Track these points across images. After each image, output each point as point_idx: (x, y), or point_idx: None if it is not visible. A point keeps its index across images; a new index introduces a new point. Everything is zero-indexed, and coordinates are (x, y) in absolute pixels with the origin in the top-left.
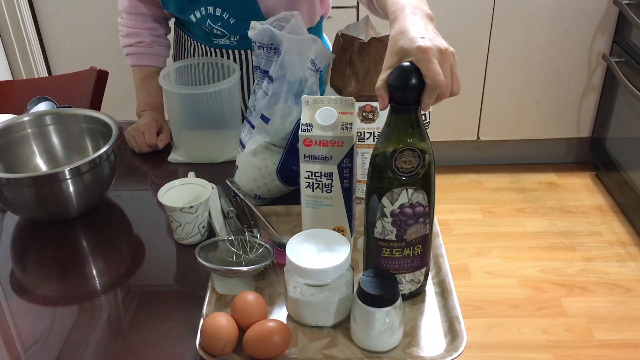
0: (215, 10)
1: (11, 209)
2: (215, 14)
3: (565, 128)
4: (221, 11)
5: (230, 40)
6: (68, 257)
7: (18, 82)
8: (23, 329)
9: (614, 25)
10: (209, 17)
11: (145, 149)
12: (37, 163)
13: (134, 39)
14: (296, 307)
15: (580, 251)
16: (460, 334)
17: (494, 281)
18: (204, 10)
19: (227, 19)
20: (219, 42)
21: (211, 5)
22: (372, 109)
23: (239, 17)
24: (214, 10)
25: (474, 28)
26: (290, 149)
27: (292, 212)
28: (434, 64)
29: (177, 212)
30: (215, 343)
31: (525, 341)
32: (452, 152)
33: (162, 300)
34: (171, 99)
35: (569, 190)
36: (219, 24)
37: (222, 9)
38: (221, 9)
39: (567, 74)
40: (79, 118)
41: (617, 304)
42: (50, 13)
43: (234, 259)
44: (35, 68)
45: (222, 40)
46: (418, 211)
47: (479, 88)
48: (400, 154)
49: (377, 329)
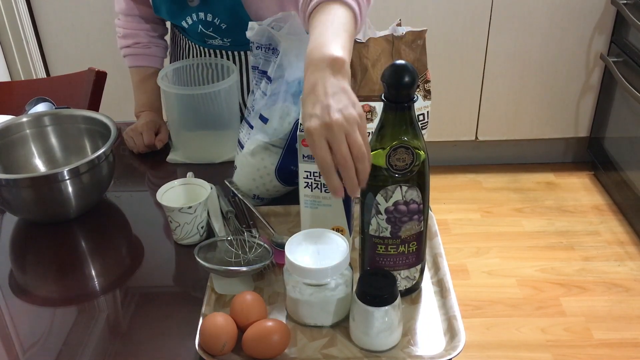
0: (207, 16)
1: (10, 210)
2: (207, 19)
3: (564, 128)
4: (212, 17)
5: (224, 42)
6: (67, 257)
7: (16, 83)
8: (22, 329)
9: (612, 25)
10: (200, 23)
11: (143, 149)
12: (36, 164)
13: (130, 40)
14: (295, 306)
15: (579, 251)
16: (459, 333)
17: (493, 281)
18: (195, 16)
19: (218, 24)
20: (213, 43)
21: (202, 11)
22: (370, 108)
23: (229, 23)
24: (205, 16)
25: (472, 28)
26: (289, 149)
27: (290, 212)
28: (317, 147)
29: (176, 213)
30: (214, 343)
31: (524, 341)
32: (451, 152)
33: (161, 300)
34: (170, 99)
35: (567, 190)
36: (210, 29)
37: (212, 14)
38: (212, 15)
39: (565, 74)
40: (78, 119)
41: (616, 304)
42: (49, 14)
43: (233, 259)
44: (33, 69)
45: (216, 42)
46: (412, 208)
47: (477, 88)
48: (394, 151)
49: (376, 328)
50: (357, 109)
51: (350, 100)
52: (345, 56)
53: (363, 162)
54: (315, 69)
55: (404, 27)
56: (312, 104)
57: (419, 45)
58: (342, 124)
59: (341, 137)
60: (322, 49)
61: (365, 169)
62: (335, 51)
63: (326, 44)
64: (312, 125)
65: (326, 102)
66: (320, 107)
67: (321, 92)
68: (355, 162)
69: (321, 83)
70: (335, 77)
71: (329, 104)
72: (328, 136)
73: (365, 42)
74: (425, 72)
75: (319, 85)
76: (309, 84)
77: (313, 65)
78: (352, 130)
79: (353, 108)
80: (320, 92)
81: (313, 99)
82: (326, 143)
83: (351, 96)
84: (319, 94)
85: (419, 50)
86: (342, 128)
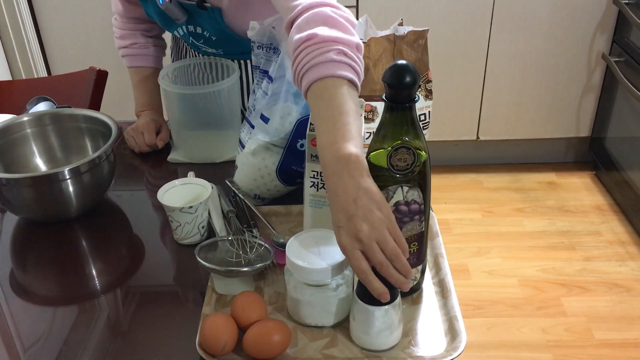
0: (196, 29)
1: (11, 209)
2: (197, 31)
3: (565, 128)
4: (201, 30)
5: (217, 51)
6: (67, 257)
7: (17, 82)
8: (22, 329)
9: (614, 24)
10: (190, 35)
11: (144, 148)
12: (37, 163)
13: (128, 40)
14: (296, 307)
15: (580, 251)
16: (460, 334)
17: (494, 281)
18: (185, 28)
19: (208, 36)
20: (207, 51)
21: (191, 24)
22: (371, 108)
23: (218, 36)
24: (194, 29)
25: (474, 28)
26: (290, 148)
27: (291, 212)
28: (352, 259)
29: (177, 212)
30: (215, 343)
31: (524, 341)
32: (452, 151)
33: (162, 300)
34: (171, 99)
35: (569, 190)
36: (201, 40)
37: (202, 28)
38: (201, 28)
39: (566, 74)
40: (79, 118)
41: (617, 304)
42: (50, 13)
43: (233, 259)
44: (34, 68)
45: (210, 50)
46: (413, 209)
47: (478, 88)
48: (395, 151)
49: (376, 327)
50: (383, 211)
51: (374, 202)
52: (356, 148)
53: (399, 261)
54: (332, 174)
55: (405, 26)
56: (337, 212)
57: (421, 45)
58: (371, 234)
59: (372, 245)
60: (332, 149)
61: (403, 266)
62: (346, 148)
63: (336, 141)
64: (343, 240)
65: (350, 211)
66: (346, 217)
67: (343, 199)
68: (392, 262)
69: (341, 189)
70: (353, 177)
71: (353, 214)
72: (360, 247)
73: (367, 41)
74: (426, 72)
75: (339, 191)
76: (329, 189)
77: (328, 170)
78: (381, 236)
79: (379, 210)
80: (342, 199)
81: (337, 207)
82: (360, 253)
83: (374, 196)
84: (341, 202)
85: (420, 50)
86: (371, 237)
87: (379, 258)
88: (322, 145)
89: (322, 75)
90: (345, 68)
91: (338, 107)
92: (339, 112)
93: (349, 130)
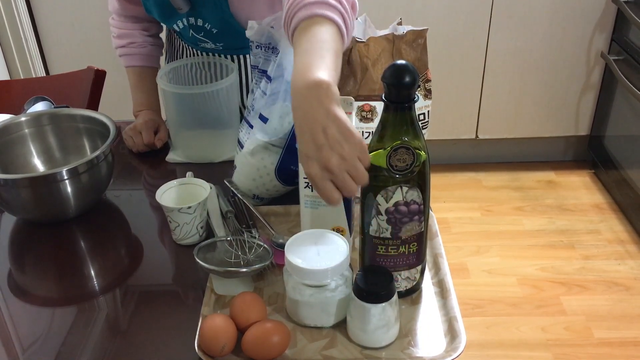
0: (197, 21)
1: (9, 210)
2: (197, 24)
3: (564, 126)
4: (202, 22)
5: (217, 46)
6: (66, 257)
7: (15, 81)
8: (21, 329)
9: (613, 23)
10: (191, 28)
11: (143, 148)
12: (35, 163)
13: (125, 40)
14: (295, 307)
15: (579, 249)
16: (460, 334)
17: (493, 280)
18: (185, 21)
19: (209, 29)
20: (206, 47)
21: (192, 16)
22: (370, 108)
23: (220, 28)
24: (195, 21)
25: (473, 26)
26: (289, 148)
27: (290, 212)
28: (321, 190)
29: (176, 213)
30: (214, 344)
31: (524, 340)
32: (451, 150)
33: (161, 300)
34: (169, 98)
35: (568, 189)
36: (201, 33)
37: (203, 20)
38: (202, 20)
39: (565, 72)
40: (77, 118)
41: (616, 302)
42: (48, 12)
43: (232, 259)
44: (32, 68)
45: (209, 45)
46: (413, 209)
47: (477, 86)
48: (395, 152)
49: (373, 324)
50: (354, 139)
51: (344, 131)
52: (329, 77)
53: (364, 180)
54: (301, 99)
55: (404, 26)
56: (306, 142)
57: (420, 44)
58: (341, 165)
59: (343, 176)
60: (304, 75)
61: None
62: (318, 75)
63: (309, 68)
64: (312, 171)
65: (319, 140)
66: (314, 146)
67: (312, 127)
68: (356, 182)
69: (310, 115)
70: (322, 104)
71: (322, 143)
72: (331, 178)
73: (366, 41)
74: (426, 71)
75: (308, 118)
76: (296, 117)
77: (297, 95)
78: (352, 167)
79: (350, 138)
80: (311, 127)
81: (306, 137)
82: (331, 184)
83: (341, 123)
84: (310, 131)
85: (419, 49)
86: (342, 167)
87: (349, 187)
88: (294, 74)
89: (312, 13)
90: (335, 13)
91: (320, 42)
92: (320, 47)
93: (325, 62)
